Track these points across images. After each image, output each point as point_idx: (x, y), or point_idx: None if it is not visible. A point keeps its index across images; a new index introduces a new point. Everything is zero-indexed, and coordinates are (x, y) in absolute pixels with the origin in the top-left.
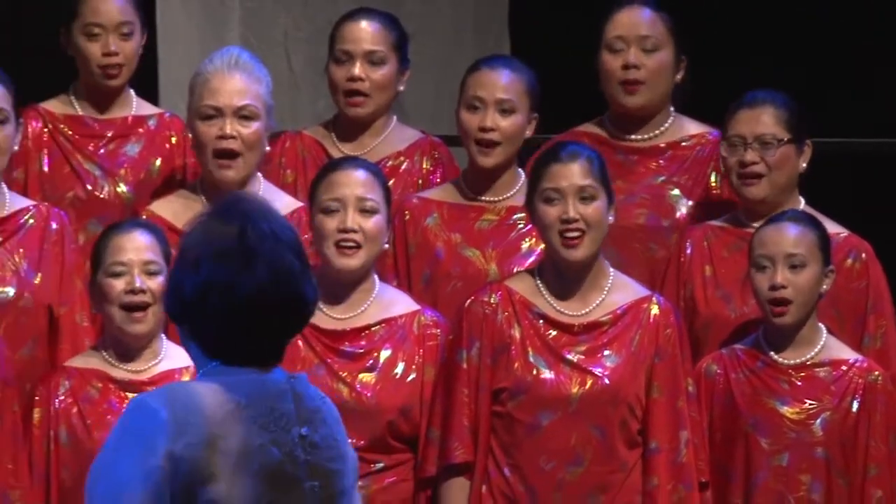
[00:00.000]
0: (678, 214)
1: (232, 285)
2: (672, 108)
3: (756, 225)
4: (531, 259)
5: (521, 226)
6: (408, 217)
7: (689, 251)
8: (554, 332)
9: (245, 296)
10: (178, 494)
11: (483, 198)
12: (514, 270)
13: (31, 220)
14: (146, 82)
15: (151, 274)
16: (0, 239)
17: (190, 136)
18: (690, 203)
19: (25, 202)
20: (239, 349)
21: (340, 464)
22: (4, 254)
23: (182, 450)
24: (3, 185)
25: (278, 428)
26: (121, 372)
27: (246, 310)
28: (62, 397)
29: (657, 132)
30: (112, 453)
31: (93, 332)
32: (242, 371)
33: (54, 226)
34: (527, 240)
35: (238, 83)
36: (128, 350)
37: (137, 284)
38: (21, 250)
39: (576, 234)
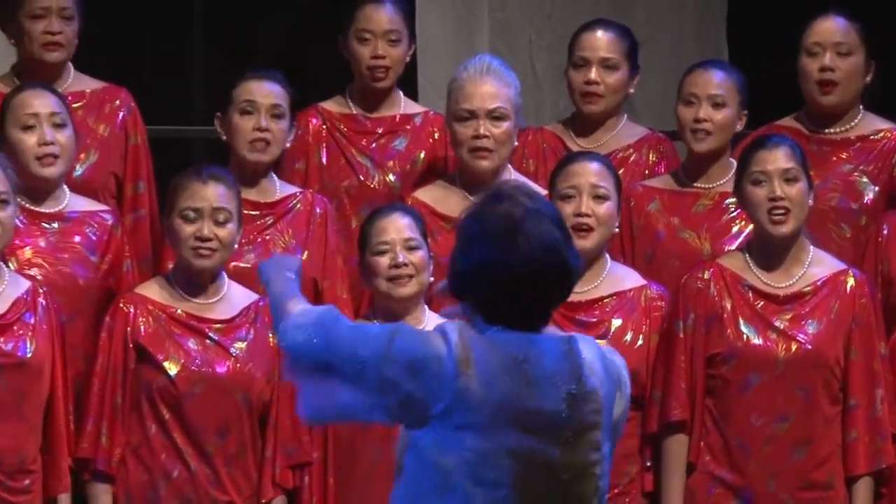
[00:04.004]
0: (866, 199)
1: (502, 261)
2: (861, 107)
3: None
4: (740, 240)
5: (731, 209)
6: (633, 203)
7: (885, 232)
8: (762, 302)
9: (514, 269)
10: (428, 394)
11: (698, 185)
12: (726, 250)
13: (299, 205)
14: (407, 84)
15: (412, 249)
16: (272, 220)
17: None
18: (877, 189)
19: (292, 189)
20: (514, 315)
21: (598, 416)
22: (275, 233)
23: (454, 375)
24: (273, 174)
25: (549, 383)
26: None
27: (516, 281)
28: None
29: (848, 127)
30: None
31: (350, 304)
32: (520, 332)
33: (318, 210)
34: (737, 222)
35: (489, 88)
36: (395, 317)
37: (400, 259)
38: (290, 231)
39: (781, 212)
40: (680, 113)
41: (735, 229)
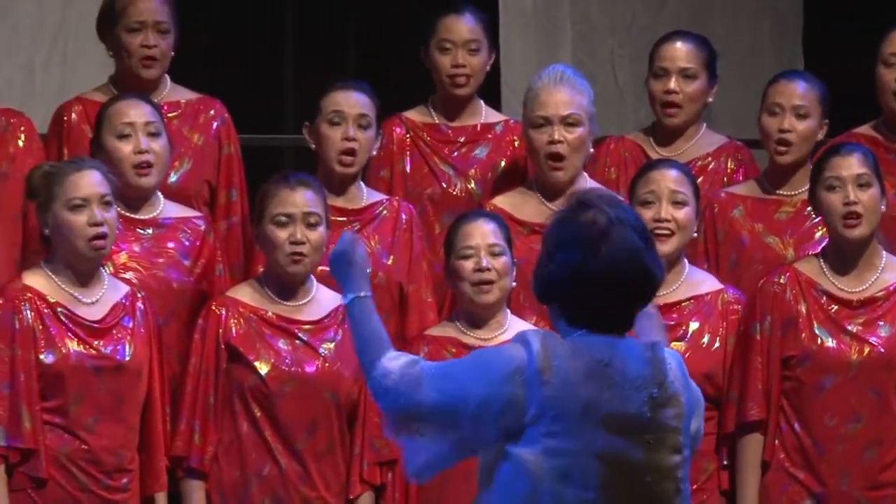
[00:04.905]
0: None
1: (587, 266)
2: None
3: None
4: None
5: (814, 216)
6: (716, 210)
7: None
8: (836, 307)
9: (598, 274)
10: (514, 417)
11: (781, 192)
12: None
13: (385, 212)
14: (491, 94)
15: (495, 255)
16: (358, 226)
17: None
18: None
19: (378, 196)
20: (597, 319)
21: (679, 421)
22: (362, 239)
23: (537, 384)
24: (360, 182)
25: (631, 387)
26: (471, 338)
27: (599, 286)
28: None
29: None
30: (485, 351)
31: (435, 308)
32: (604, 336)
33: (404, 217)
34: (819, 228)
35: (563, 96)
36: (478, 320)
37: (484, 264)
38: (376, 236)
39: (854, 217)
40: (764, 122)
41: (818, 235)
